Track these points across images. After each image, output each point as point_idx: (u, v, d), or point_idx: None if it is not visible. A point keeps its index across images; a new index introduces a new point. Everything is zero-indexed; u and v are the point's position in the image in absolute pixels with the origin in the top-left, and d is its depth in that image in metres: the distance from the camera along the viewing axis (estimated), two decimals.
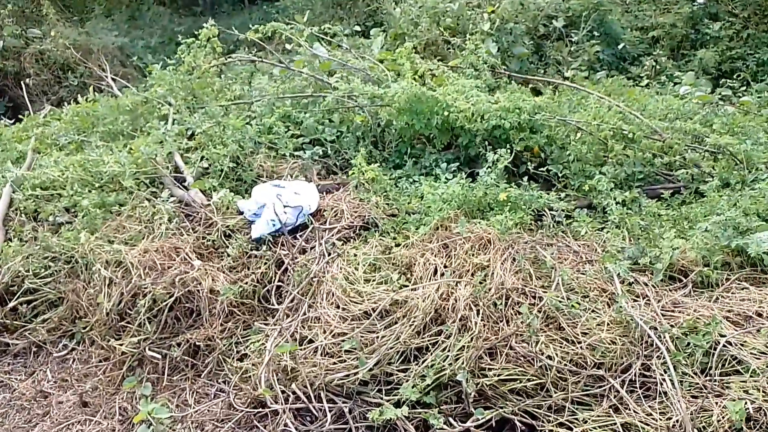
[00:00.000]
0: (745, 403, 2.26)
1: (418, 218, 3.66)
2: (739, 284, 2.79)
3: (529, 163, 4.20)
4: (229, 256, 3.52)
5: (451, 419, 2.62)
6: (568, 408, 2.54)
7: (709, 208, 3.28)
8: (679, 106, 4.88)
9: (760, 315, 2.59)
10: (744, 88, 7.42)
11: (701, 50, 7.78)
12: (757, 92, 7.08)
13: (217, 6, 14.96)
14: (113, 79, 7.90)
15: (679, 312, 2.72)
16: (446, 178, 4.25)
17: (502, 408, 2.61)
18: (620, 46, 7.69)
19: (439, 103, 4.46)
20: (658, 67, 7.59)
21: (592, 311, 2.85)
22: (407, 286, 3.07)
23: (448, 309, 2.94)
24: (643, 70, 7.49)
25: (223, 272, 3.44)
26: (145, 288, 3.38)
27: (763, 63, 7.72)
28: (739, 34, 8.16)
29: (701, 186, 3.63)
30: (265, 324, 3.21)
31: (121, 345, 3.30)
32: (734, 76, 7.63)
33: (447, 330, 2.85)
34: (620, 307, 2.70)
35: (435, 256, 3.31)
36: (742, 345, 2.47)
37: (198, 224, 3.78)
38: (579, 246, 3.35)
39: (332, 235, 3.56)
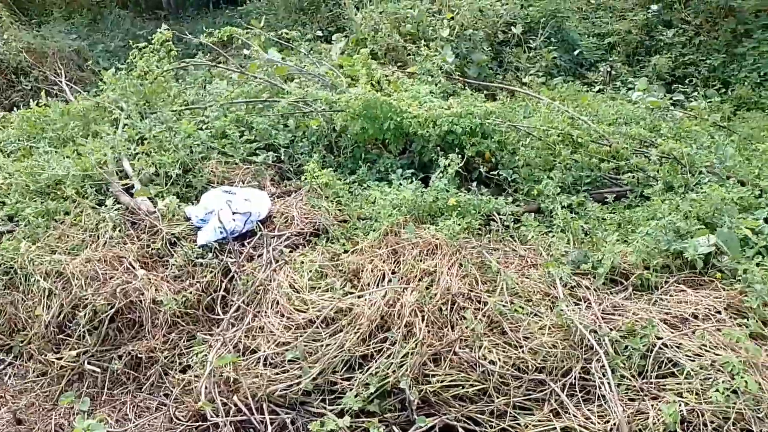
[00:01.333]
0: (679, 405, 2.29)
1: (369, 224, 3.63)
2: (677, 287, 2.84)
3: (480, 168, 4.22)
4: (173, 264, 3.44)
5: (394, 428, 2.59)
6: (510, 413, 2.54)
7: (652, 212, 3.34)
8: (629, 111, 4.98)
9: (695, 317, 2.64)
10: (696, 93, 7.64)
11: (655, 56, 7.98)
12: (707, 97, 7.29)
13: (181, 10, 14.77)
14: (68, 84, 7.71)
15: (619, 315, 2.75)
16: (400, 184, 4.25)
17: (445, 414, 2.59)
18: (577, 52, 7.82)
19: (393, 108, 4.46)
20: (613, 72, 7.75)
21: (535, 315, 2.87)
22: (353, 293, 3.04)
23: (393, 315, 2.92)
24: (599, 75, 7.64)
25: (167, 281, 3.36)
26: (85, 299, 3.29)
27: (714, 69, 7.95)
28: (691, 40, 8.39)
29: (646, 190, 3.69)
30: (210, 334, 3.14)
31: (59, 359, 3.19)
32: (687, 82, 7.85)
33: (392, 337, 2.82)
34: (561, 310, 2.72)
35: (383, 262, 3.29)
36: (677, 347, 2.51)
37: (143, 232, 3.69)
38: (525, 250, 3.36)
39: (281, 242, 3.51)
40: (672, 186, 3.65)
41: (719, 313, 2.62)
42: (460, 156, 4.07)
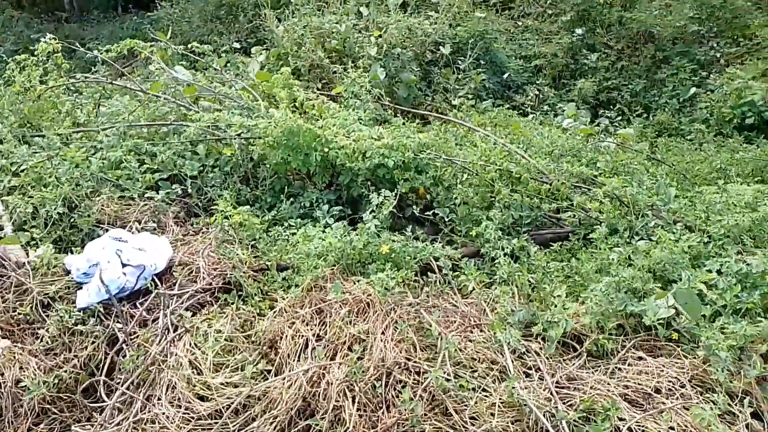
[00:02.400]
0: None
1: (290, 276, 3.15)
2: (634, 353, 2.56)
3: (414, 206, 3.84)
4: (45, 334, 2.79)
5: None
6: None
7: (600, 262, 3.08)
8: (563, 141, 4.79)
9: (658, 391, 2.36)
10: (620, 117, 7.73)
11: (580, 80, 8.02)
12: (630, 122, 7.38)
13: (86, 13, 13.59)
14: None
15: (575, 389, 2.43)
16: (326, 223, 3.81)
17: None
18: (505, 76, 7.69)
19: (318, 138, 4.01)
20: (541, 95, 7.69)
21: (482, 389, 2.49)
22: (270, 370, 2.55)
23: (318, 396, 2.46)
24: (527, 99, 7.56)
25: (36, 356, 2.72)
26: None
27: (636, 93, 8.09)
28: (614, 65, 8.53)
29: (590, 233, 3.44)
30: (89, 425, 2.53)
31: None
32: (611, 106, 7.94)
33: (316, 426, 2.36)
34: (512, 389, 2.36)
35: (306, 325, 2.82)
36: None
37: (8, 291, 3.00)
38: (467, 305, 3.00)
39: (182, 303, 2.95)
40: (616, 229, 3.42)
41: (683, 386, 2.36)
42: (393, 194, 3.68)
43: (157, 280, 3.05)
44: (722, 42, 8.35)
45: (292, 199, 4.09)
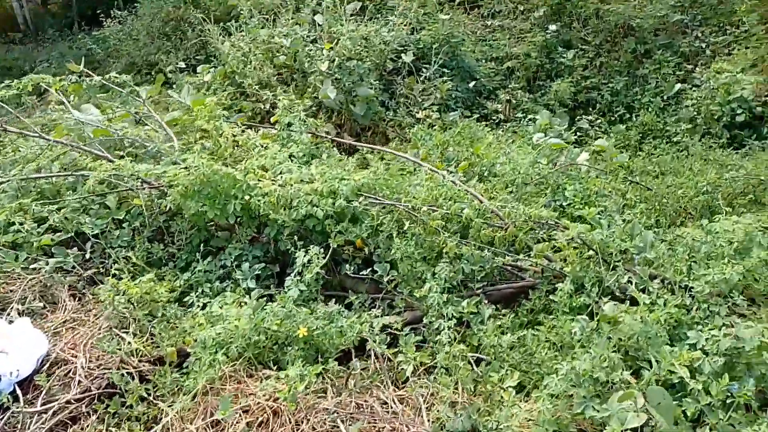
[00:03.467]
0: None
1: (182, 378, 2.58)
2: None
3: (350, 262, 3.29)
4: None
5: None
6: None
7: (560, 337, 2.52)
8: (529, 163, 4.23)
9: None
10: (600, 120, 7.16)
11: (557, 81, 7.44)
12: (611, 124, 6.82)
13: (41, 32, 12.96)
14: None
15: None
16: (247, 287, 3.26)
17: None
18: (471, 84, 7.09)
19: (238, 184, 3.45)
20: (514, 101, 7.12)
21: None
22: None
23: None
24: (499, 105, 6.99)
25: None
26: None
27: (617, 92, 7.52)
28: (592, 62, 7.95)
29: (553, 290, 2.88)
30: None
31: None
32: (590, 108, 7.38)
33: None
34: None
35: None
36: None
37: None
38: (400, 404, 2.45)
39: (47, 421, 2.39)
40: (583, 284, 2.86)
41: None
42: (322, 249, 3.12)
43: (18, 391, 2.49)
44: (707, 31, 7.77)
45: (211, 256, 3.53)
